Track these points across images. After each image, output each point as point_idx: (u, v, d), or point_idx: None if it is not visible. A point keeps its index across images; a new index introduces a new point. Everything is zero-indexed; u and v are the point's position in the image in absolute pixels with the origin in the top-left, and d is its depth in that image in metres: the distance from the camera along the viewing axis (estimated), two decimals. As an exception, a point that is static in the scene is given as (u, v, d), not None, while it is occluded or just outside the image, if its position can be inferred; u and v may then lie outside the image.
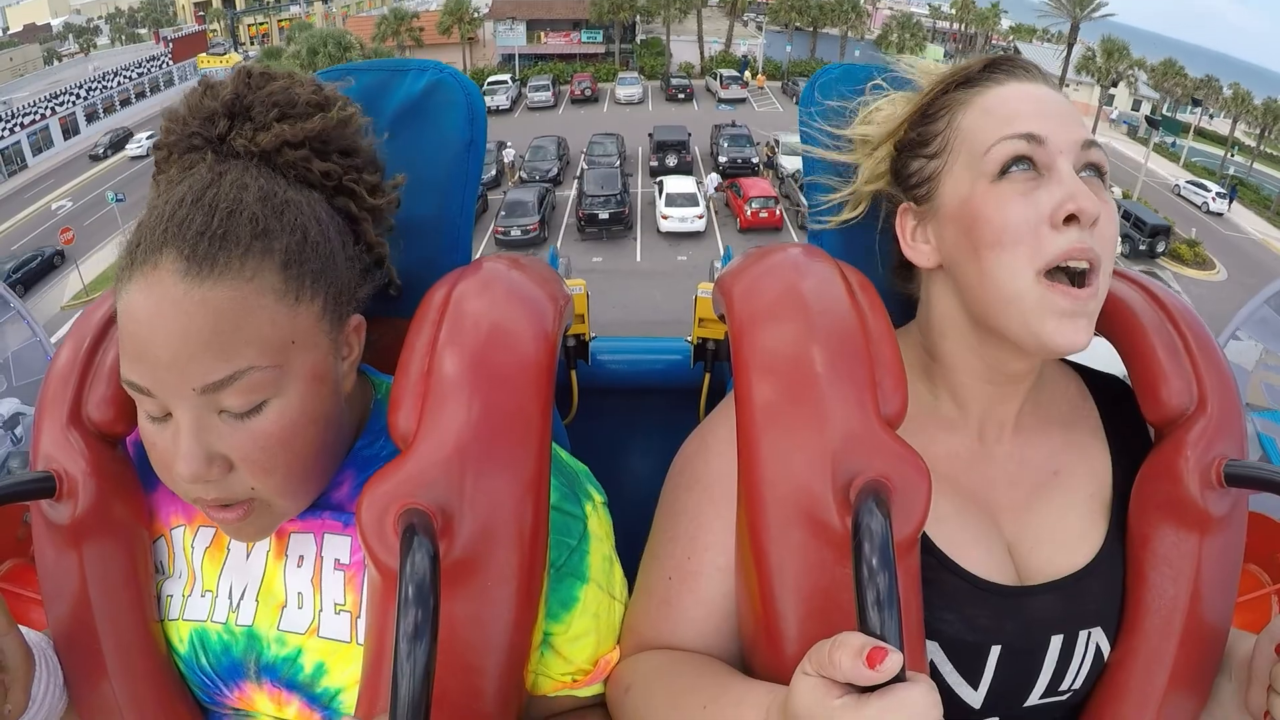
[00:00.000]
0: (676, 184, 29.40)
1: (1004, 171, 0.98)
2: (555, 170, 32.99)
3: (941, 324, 1.09)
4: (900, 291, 1.18)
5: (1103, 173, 1.02)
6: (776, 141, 34.48)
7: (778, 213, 28.04)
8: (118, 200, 29.55)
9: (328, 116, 1.00)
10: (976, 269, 1.00)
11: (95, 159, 40.72)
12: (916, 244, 1.09)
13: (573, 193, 30.71)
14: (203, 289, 0.83)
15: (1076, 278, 0.97)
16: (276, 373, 0.87)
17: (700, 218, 28.04)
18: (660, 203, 28.57)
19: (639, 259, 26.96)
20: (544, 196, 28.97)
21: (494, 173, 32.56)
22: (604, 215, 27.95)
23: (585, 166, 31.89)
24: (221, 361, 0.84)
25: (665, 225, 27.98)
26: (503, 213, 27.42)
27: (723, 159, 33.68)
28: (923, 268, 1.10)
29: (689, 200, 28.45)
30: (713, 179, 31.57)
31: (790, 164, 31.05)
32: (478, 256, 1.19)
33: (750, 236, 27.65)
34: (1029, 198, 0.97)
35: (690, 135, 35.61)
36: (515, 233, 26.75)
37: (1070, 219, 0.95)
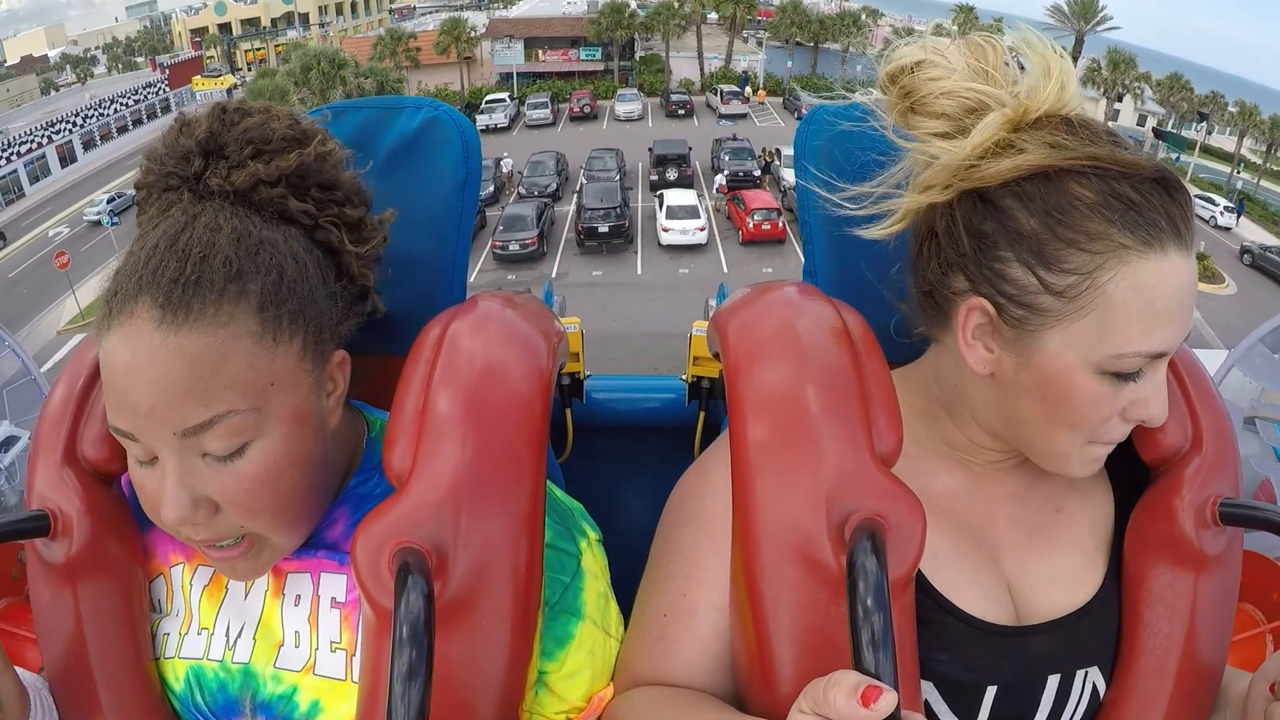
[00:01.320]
0: (677, 197, 29.34)
1: (1115, 375, 0.93)
2: (554, 186, 32.96)
3: (970, 407, 1.05)
4: (918, 331, 1.10)
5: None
6: (777, 151, 34.52)
7: (780, 224, 27.87)
8: (113, 224, 29.56)
9: (304, 153, 0.98)
10: (1038, 429, 0.98)
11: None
12: (975, 345, 0.99)
13: (572, 207, 30.68)
14: (178, 336, 0.83)
15: None
16: (256, 415, 0.87)
17: (701, 230, 27.93)
18: (661, 215, 28.51)
19: (639, 272, 26.88)
20: (543, 211, 28.93)
21: (492, 189, 32.53)
22: (604, 229, 27.85)
23: (584, 181, 31.89)
24: (200, 406, 0.84)
25: (666, 238, 27.87)
26: (501, 227, 27.35)
27: (724, 172, 33.62)
28: (970, 366, 1.00)
29: (690, 213, 28.37)
30: (719, 179, 32.00)
31: (792, 177, 30.79)
32: (475, 270, 1.32)
33: (753, 249, 27.67)
34: (1118, 394, 0.93)
35: (690, 149, 35.59)
36: (513, 247, 26.67)
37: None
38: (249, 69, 58.79)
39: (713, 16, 54.63)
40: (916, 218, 1.03)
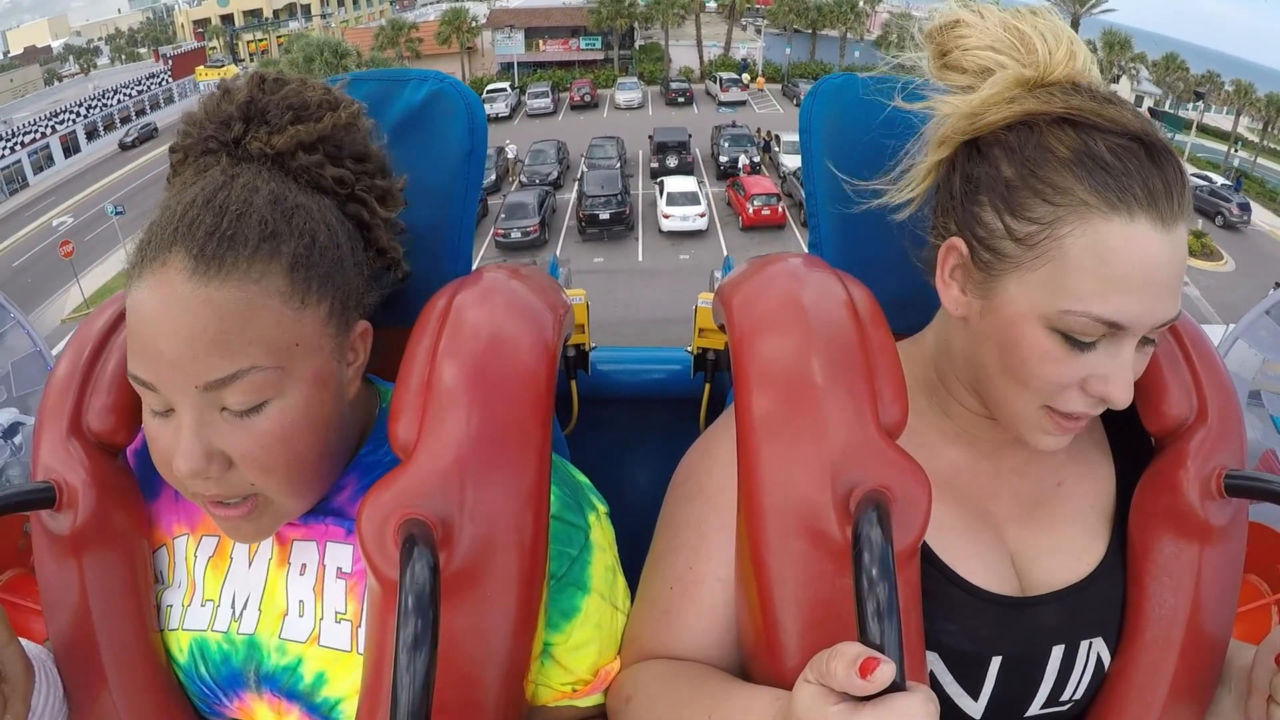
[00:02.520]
0: (677, 184, 29.54)
1: (1066, 336, 0.92)
2: (555, 174, 33.14)
3: (953, 360, 1.06)
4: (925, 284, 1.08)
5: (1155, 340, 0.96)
6: (776, 137, 34.89)
7: (780, 210, 28.11)
8: (117, 213, 29.66)
9: (337, 115, 1.00)
10: (993, 377, 0.99)
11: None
12: (950, 285, 1.01)
13: (573, 195, 30.86)
14: (209, 288, 0.84)
15: None
16: (279, 373, 0.88)
17: (702, 216, 28.13)
18: (661, 202, 28.69)
19: (640, 258, 27.03)
20: (544, 199, 29.05)
21: (493, 177, 32.55)
22: (605, 216, 28.01)
23: (585, 169, 32.05)
24: (225, 360, 0.84)
25: (666, 225, 28.05)
26: (503, 215, 27.45)
27: (723, 159, 33.99)
28: (946, 307, 1.02)
29: (690, 199, 28.58)
30: (742, 159, 32.83)
31: (791, 162, 31.48)
32: (477, 258, 1.20)
33: (753, 234, 27.84)
34: (1075, 361, 0.92)
35: (690, 136, 35.82)
36: (515, 234, 26.79)
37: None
38: (251, 60, 58.78)
39: (711, 5, 54.70)
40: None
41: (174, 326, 0.83)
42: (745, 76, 49.56)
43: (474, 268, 1.22)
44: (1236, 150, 42.09)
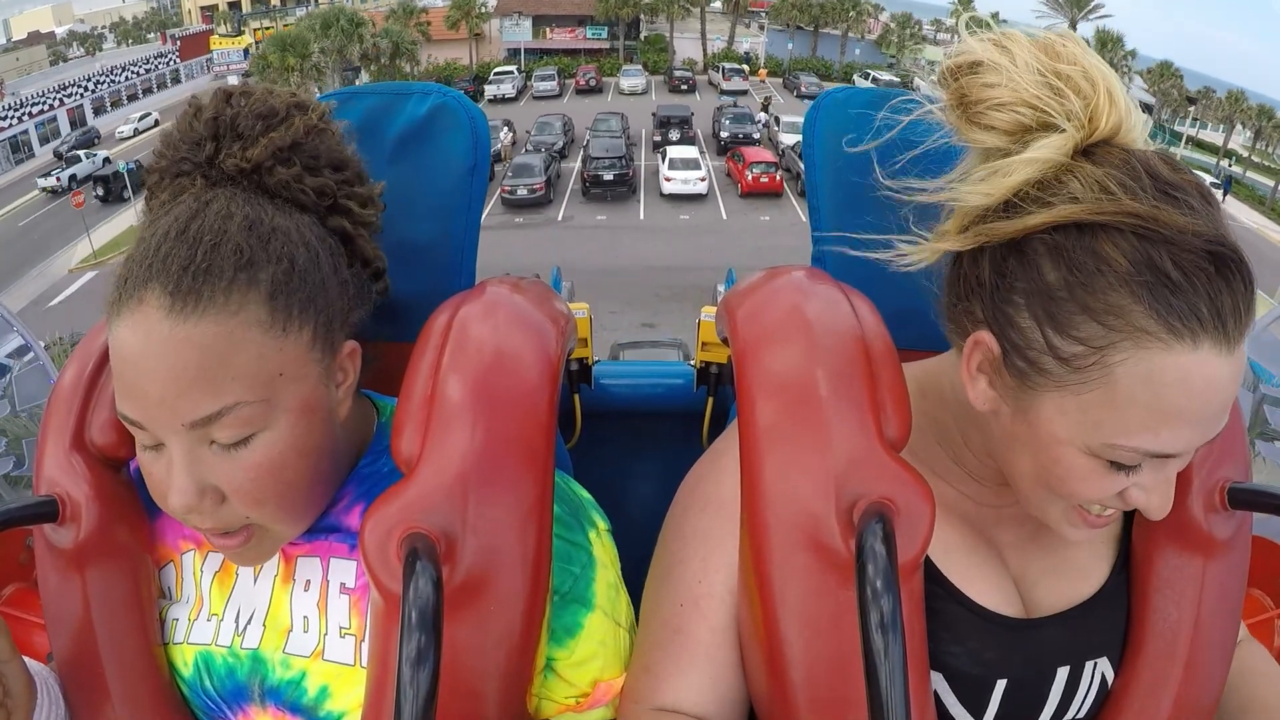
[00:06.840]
0: (680, 151, 30.95)
1: (1109, 461, 0.84)
2: (561, 144, 34.22)
3: (974, 429, 1.00)
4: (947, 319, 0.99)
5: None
6: (777, 118, 36.46)
7: (778, 178, 29.30)
8: (129, 169, 29.95)
9: (306, 116, 0.98)
10: (1026, 484, 0.93)
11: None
12: (978, 379, 0.91)
13: (578, 161, 31.85)
14: (187, 326, 0.82)
15: None
16: (265, 406, 0.87)
17: (702, 180, 29.31)
18: (663, 167, 29.90)
19: (642, 217, 28.18)
20: (550, 162, 30.14)
21: (496, 148, 33.23)
22: (609, 177, 29.16)
23: (590, 138, 33.22)
24: (209, 398, 0.83)
25: (668, 188, 29.34)
26: (510, 174, 28.46)
27: (724, 134, 35.51)
28: (970, 400, 0.93)
29: (691, 165, 29.86)
30: (762, 117, 35.18)
31: (789, 139, 32.84)
32: (484, 213, 1.22)
33: (751, 200, 29.06)
34: (1117, 479, 0.85)
35: (693, 114, 37.12)
36: (521, 191, 27.89)
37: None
38: (256, 47, 59.08)
39: (715, 5, 55.40)
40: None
41: (154, 367, 0.82)
42: (747, 68, 50.59)
43: (481, 222, 1.24)
44: (1230, 163, 43.31)
